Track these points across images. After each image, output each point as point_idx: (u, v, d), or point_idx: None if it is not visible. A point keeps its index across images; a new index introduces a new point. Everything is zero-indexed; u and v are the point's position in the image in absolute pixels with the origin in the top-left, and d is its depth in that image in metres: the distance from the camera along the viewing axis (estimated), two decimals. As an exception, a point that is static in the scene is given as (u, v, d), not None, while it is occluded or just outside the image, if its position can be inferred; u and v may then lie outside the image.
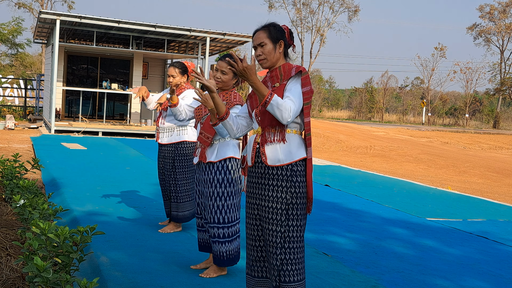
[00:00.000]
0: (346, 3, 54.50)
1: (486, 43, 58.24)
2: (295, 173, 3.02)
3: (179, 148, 5.33)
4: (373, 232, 6.12)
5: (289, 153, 3.03)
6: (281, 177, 3.03)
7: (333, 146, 21.14)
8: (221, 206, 4.08)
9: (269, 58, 3.13)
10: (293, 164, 3.02)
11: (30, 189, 5.55)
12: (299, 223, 3.08)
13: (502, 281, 4.68)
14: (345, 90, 69.75)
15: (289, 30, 3.20)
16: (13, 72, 41.18)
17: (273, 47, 3.12)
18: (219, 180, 4.07)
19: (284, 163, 3.02)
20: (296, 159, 3.02)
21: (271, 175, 3.06)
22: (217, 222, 4.09)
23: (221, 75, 4.09)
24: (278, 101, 2.88)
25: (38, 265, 3.06)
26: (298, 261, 3.10)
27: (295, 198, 3.04)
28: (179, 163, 5.34)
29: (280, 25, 3.19)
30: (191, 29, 17.23)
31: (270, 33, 3.13)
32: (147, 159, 11.30)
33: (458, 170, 15.61)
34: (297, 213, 3.06)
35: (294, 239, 3.08)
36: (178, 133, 5.34)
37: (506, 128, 52.95)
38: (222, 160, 4.08)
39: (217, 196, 4.08)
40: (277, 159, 3.03)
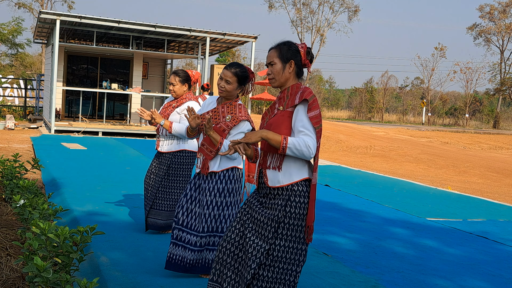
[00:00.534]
0: (346, 3, 54.51)
1: (486, 43, 58.26)
2: (295, 192, 2.96)
3: (177, 156, 5.19)
4: (373, 232, 6.12)
5: (289, 175, 2.97)
6: (279, 196, 3.00)
7: (333, 146, 21.15)
8: (217, 216, 4.02)
9: (277, 78, 3.08)
10: (293, 184, 2.96)
11: (30, 189, 5.55)
12: (289, 244, 2.95)
13: (502, 281, 4.68)
14: (345, 90, 69.76)
15: (306, 49, 3.09)
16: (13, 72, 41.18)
17: (282, 67, 3.06)
18: (219, 189, 4.02)
19: (283, 184, 2.98)
20: (296, 180, 2.96)
21: (272, 195, 3.02)
22: (211, 230, 4.04)
23: (225, 85, 3.99)
24: (294, 143, 2.86)
25: (38, 265, 3.06)
26: (286, 283, 2.98)
27: (287, 218, 2.95)
28: (174, 171, 5.19)
29: (298, 43, 3.10)
30: (191, 29, 17.23)
31: (280, 52, 3.07)
32: (147, 159, 11.30)
33: (458, 170, 15.61)
34: (288, 233, 2.95)
35: (280, 259, 2.96)
36: (178, 142, 5.21)
37: (506, 128, 52.95)
38: (224, 170, 4.03)
39: (215, 206, 4.01)
40: (277, 180, 3.00)
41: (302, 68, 3.12)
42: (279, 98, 3.09)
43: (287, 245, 2.96)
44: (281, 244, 2.96)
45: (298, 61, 3.08)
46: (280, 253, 2.96)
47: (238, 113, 3.99)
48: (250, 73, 4.02)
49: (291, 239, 2.96)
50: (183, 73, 5.23)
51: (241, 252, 3.07)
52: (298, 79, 3.12)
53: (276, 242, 2.96)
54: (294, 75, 3.10)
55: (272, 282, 2.97)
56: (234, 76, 3.97)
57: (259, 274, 2.99)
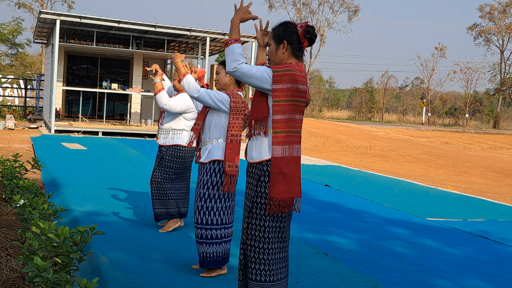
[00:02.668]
0: (346, 3, 54.50)
1: (486, 43, 58.24)
2: (263, 172, 3.04)
3: (171, 149, 5.38)
4: (373, 232, 6.12)
5: (260, 152, 3.06)
6: (252, 174, 3.12)
7: (333, 146, 21.14)
8: (200, 207, 4.10)
9: (272, 58, 3.15)
10: (262, 163, 3.04)
11: (30, 189, 5.55)
12: (261, 223, 3.03)
13: (502, 281, 4.68)
14: (345, 90, 69.73)
15: (305, 28, 3.09)
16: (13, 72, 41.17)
17: (275, 47, 3.12)
18: (203, 181, 4.11)
19: (255, 160, 3.08)
20: (264, 159, 3.04)
21: (249, 172, 3.16)
22: (196, 222, 4.14)
23: (216, 76, 4.25)
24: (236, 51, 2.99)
25: (38, 265, 3.06)
26: (258, 261, 3.05)
27: (258, 198, 3.04)
28: (165, 163, 5.37)
29: (298, 23, 3.13)
30: (191, 29, 17.23)
31: (274, 33, 3.13)
32: (147, 159, 11.30)
33: (458, 170, 15.61)
34: (260, 212, 3.04)
35: (255, 238, 3.05)
36: (173, 136, 5.39)
37: (506, 128, 52.95)
38: (210, 161, 4.13)
39: (202, 197, 4.10)
40: (251, 156, 3.13)
41: (300, 48, 3.13)
42: None
43: (261, 224, 3.04)
44: (255, 223, 3.06)
45: (294, 41, 3.10)
46: (254, 231, 3.06)
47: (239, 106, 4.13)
48: None
49: (263, 218, 3.04)
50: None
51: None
52: (296, 58, 3.14)
53: (251, 222, 3.07)
54: (290, 55, 3.12)
55: (254, 262, 3.07)
56: (220, 65, 4.24)
57: (246, 255, 3.13)
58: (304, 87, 3.06)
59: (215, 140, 4.16)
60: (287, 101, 2.98)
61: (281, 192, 2.98)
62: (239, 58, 2.98)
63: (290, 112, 3.00)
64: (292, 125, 3.02)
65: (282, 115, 2.99)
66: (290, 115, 3.00)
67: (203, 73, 5.40)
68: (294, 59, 3.12)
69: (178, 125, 5.40)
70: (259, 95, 3.11)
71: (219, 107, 4.08)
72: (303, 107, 3.05)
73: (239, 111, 4.09)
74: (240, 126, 4.09)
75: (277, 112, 2.99)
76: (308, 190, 8.68)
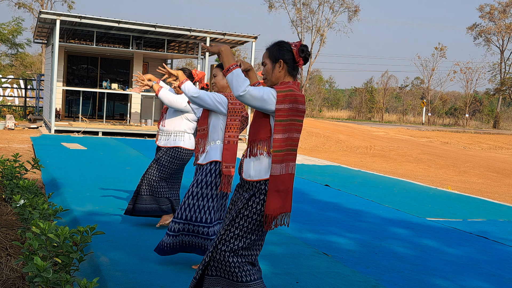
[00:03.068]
0: (346, 3, 54.48)
1: (486, 43, 58.24)
2: (260, 190, 3.08)
3: (170, 151, 5.35)
4: (373, 232, 6.12)
5: (259, 171, 3.10)
6: (246, 189, 3.17)
7: (333, 146, 21.15)
8: (192, 205, 4.17)
9: (268, 78, 3.18)
10: (261, 182, 3.08)
11: (30, 189, 5.55)
12: (240, 233, 3.09)
13: (502, 281, 4.68)
14: (345, 90, 69.73)
15: (299, 48, 3.13)
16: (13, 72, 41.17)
17: (271, 66, 3.14)
18: (198, 180, 4.20)
19: (253, 179, 3.11)
20: (264, 178, 3.08)
21: (245, 188, 3.20)
22: (184, 218, 4.18)
23: (214, 79, 4.29)
24: (240, 75, 2.98)
25: (38, 265, 3.06)
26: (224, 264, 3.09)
27: (247, 211, 3.08)
28: (162, 162, 5.36)
29: (293, 42, 3.16)
30: (191, 29, 17.23)
31: (270, 52, 3.15)
32: (147, 159, 11.30)
33: (458, 170, 15.61)
34: (243, 224, 3.09)
35: (228, 243, 3.10)
36: (175, 139, 5.37)
37: (506, 128, 52.95)
38: (209, 162, 4.19)
39: (190, 195, 4.18)
40: (249, 174, 3.14)
41: (295, 66, 3.17)
42: None
43: (239, 234, 3.10)
44: (233, 231, 3.10)
45: (289, 59, 3.13)
46: (228, 237, 3.11)
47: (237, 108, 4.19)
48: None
49: (245, 230, 3.10)
50: (188, 71, 5.34)
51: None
52: (292, 77, 3.17)
53: (229, 229, 3.11)
54: (286, 73, 3.15)
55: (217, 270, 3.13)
56: (217, 68, 4.27)
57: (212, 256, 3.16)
58: (304, 107, 3.13)
59: (213, 142, 4.22)
60: (287, 120, 3.04)
61: (276, 209, 3.05)
62: (245, 81, 2.99)
63: (289, 131, 3.06)
64: (290, 144, 3.08)
65: (282, 134, 3.04)
66: (289, 134, 3.06)
67: (203, 74, 5.41)
68: (290, 78, 3.16)
69: (180, 127, 5.38)
70: (260, 116, 3.13)
71: (218, 108, 4.12)
72: (301, 126, 3.13)
73: (236, 112, 4.13)
74: (237, 128, 4.15)
75: (277, 131, 3.04)
76: (308, 190, 8.68)
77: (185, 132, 5.38)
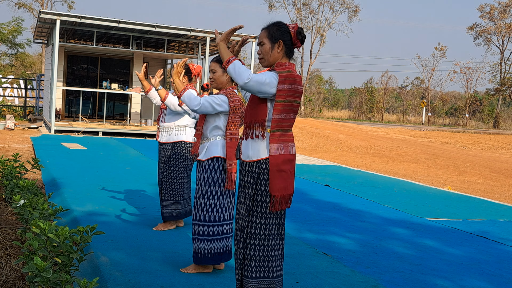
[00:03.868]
0: (346, 3, 54.48)
1: (486, 43, 58.24)
2: (262, 170, 3.07)
3: (176, 147, 5.36)
4: (373, 232, 6.12)
5: (257, 151, 3.10)
6: (249, 173, 3.14)
7: (333, 146, 21.14)
8: (203, 204, 4.12)
9: (266, 58, 3.17)
10: (261, 161, 3.08)
11: (30, 189, 5.55)
12: (262, 220, 3.08)
13: (502, 281, 4.68)
14: (345, 90, 69.73)
15: (297, 29, 3.17)
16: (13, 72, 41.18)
17: (270, 46, 3.15)
18: (204, 178, 4.14)
19: (252, 159, 3.11)
20: (262, 157, 3.08)
21: (245, 171, 3.18)
22: (197, 219, 4.15)
23: (212, 75, 4.25)
24: (239, 65, 2.99)
25: (38, 265, 3.06)
26: (258, 258, 3.09)
27: (259, 196, 3.07)
28: (174, 162, 5.36)
29: (290, 24, 3.18)
30: (191, 29, 17.23)
31: (269, 32, 3.15)
32: (147, 159, 11.30)
33: (458, 170, 15.61)
34: (261, 210, 3.08)
35: (256, 236, 3.08)
36: (177, 133, 5.38)
37: (506, 128, 52.95)
38: (209, 158, 4.15)
39: (201, 194, 4.14)
40: (247, 155, 3.15)
41: (292, 48, 3.19)
42: None
43: (261, 222, 3.08)
44: (256, 221, 3.08)
45: (287, 41, 3.16)
46: (256, 230, 3.08)
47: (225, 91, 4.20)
48: None
49: (264, 216, 3.08)
50: (184, 65, 5.32)
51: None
52: (288, 59, 3.20)
53: (252, 220, 3.09)
54: (284, 55, 3.17)
55: (255, 260, 3.10)
56: (216, 63, 4.21)
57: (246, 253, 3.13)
58: (301, 88, 3.15)
59: (213, 137, 4.19)
60: (286, 101, 3.05)
61: (280, 189, 3.05)
62: (246, 69, 3.02)
63: (286, 112, 3.07)
64: (287, 124, 3.10)
65: (280, 114, 3.06)
66: (286, 114, 3.08)
67: (200, 68, 5.43)
68: (287, 60, 3.18)
69: (181, 121, 5.38)
70: (257, 100, 3.13)
71: (220, 112, 4.11)
72: (298, 107, 3.14)
73: (237, 109, 4.14)
74: (238, 124, 4.16)
75: (276, 112, 3.05)
76: (308, 190, 8.68)
77: (187, 126, 5.39)
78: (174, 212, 5.45)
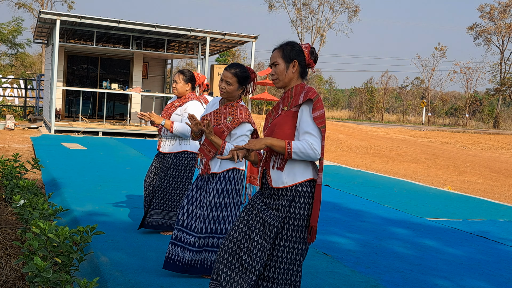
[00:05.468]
0: (346, 3, 54.51)
1: (486, 43, 58.25)
2: (299, 193, 2.96)
3: (178, 157, 5.18)
4: (373, 232, 6.12)
5: (293, 175, 2.97)
6: (283, 197, 3.00)
7: (333, 146, 21.14)
8: (216, 217, 4.00)
9: (280, 78, 3.08)
10: (297, 185, 2.96)
11: (30, 189, 5.55)
12: (295, 245, 2.96)
13: (502, 281, 4.68)
14: (345, 90, 69.74)
15: (310, 49, 3.09)
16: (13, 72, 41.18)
17: (285, 67, 3.06)
18: (219, 190, 4.00)
19: (287, 185, 2.98)
20: (300, 181, 2.97)
21: (276, 196, 3.03)
22: (209, 232, 4.02)
23: (225, 86, 3.99)
24: (299, 147, 2.88)
25: (38, 265, 3.06)
26: (289, 282, 2.99)
27: (292, 219, 2.95)
28: (174, 172, 5.18)
29: (302, 44, 3.11)
30: (191, 29, 17.22)
31: (283, 52, 3.06)
32: (147, 159, 11.30)
33: (458, 170, 15.61)
34: (292, 234, 2.95)
35: (287, 260, 2.97)
36: (180, 143, 5.19)
37: (506, 128, 52.95)
38: (225, 171, 4.01)
39: (214, 206, 4.00)
40: (281, 181, 3.00)
41: (306, 68, 3.11)
42: (283, 99, 3.10)
43: (291, 246, 2.96)
44: (285, 245, 2.96)
45: (302, 61, 3.07)
46: (284, 253, 2.96)
47: (239, 115, 3.99)
48: (251, 73, 4.01)
49: (295, 240, 2.96)
50: (189, 72, 5.26)
51: (243, 253, 3.05)
52: (302, 79, 3.11)
53: (280, 243, 2.96)
54: (298, 75, 3.09)
55: (278, 284, 2.98)
56: (234, 77, 3.96)
57: (264, 275, 3.01)
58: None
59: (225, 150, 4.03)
60: (323, 127, 2.96)
61: (317, 219, 2.96)
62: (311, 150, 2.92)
63: (323, 138, 2.98)
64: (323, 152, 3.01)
65: (323, 141, 2.96)
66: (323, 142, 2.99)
67: (204, 79, 5.35)
68: (300, 80, 3.10)
69: (184, 129, 5.14)
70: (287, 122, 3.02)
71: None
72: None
73: (252, 123, 4.04)
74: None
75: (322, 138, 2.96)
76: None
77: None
78: (159, 221, 5.25)
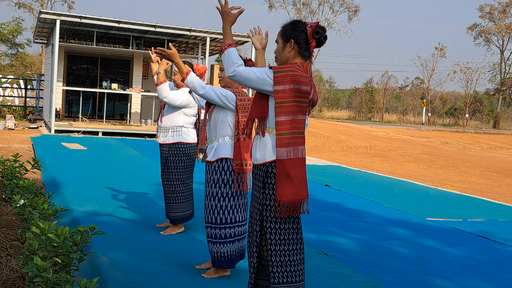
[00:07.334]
0: (346, 3, 54.49)
1: (486, 43, 58.23)
2: (268, 174, 2.99)
3: (173, 148, 5.29)
4: (373, 232, 6.12)
5: (263, 153, 3.03)
6: (257, 176, 3.08)
7: (333, 146, 21.14)
8: (214, 207, 4.04)
9: (278, 57, 3.11)
10: (267, 164, 3.00)
11: (30, 189, 5.55)
12: (274, 225, 2.99)
13: (502, 281, 4.68)
14: (345, 90, 69.70)
15: (314, 29, 3.01)
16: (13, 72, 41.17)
17: (282, 45, 3.07)
18: (214, 180, 4.05)
19: (258, 162, 3.06)
20: (268, 160, 3.00)
21: (255, 174, 3.12)
22: (210, 222, 4.08)
23: (221, 73, 4.16)
24: (232, 55, 2.98)
25: (38, 265, 3.06)
26: (280, 264, 3.03)
27: (267, 200, 2.99)
28: (172, 163, 5.29)
29: (309, 23, 3.05)
30: (191, 29, 17.22)
31: (283, 31, 3.08)
32: (147, 159, 11.30)
33: (458, 170, 15.61)
34: (270, 215, 2.99)
35: (272, 241, 3.01)
36: (173, 134, 5.30)
37: (506, 128, 52.94)
38: (218, 159, 4.06)
39: (211, 196, 4.05)
40: (255, 157, 3.08)
41: (308, 48, 3.05)
42: None
43: (272, 227, 3.01)
44: (269, 226, 3.01)
45: (301, 40, 3.02)
46: (271, 235, 3.01)
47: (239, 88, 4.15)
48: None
49: (275, 220, 3.00)
50: (188, 64, 5.28)
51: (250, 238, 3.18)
52: (302, 58, 3.06)
53: (266, 225, 3.02)
54: (296, 54, 3.05)
55: (273, 266, 3.03)
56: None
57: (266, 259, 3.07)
58: (307, 87, 2.97)
59: (221, 138, 4.09)
60: (290, 102, 2.91)
61: (288, 195, 2.92)
62: (236, 61, 2.95)
63: (294, 113, 2.93)
64: (296, 126, 2.94)
65: (286, 116, 2.92)
66: (294, 116, 2.93)
67: (205, 69, 5.37)
68: (300, 59, 3.05)
69: (177, 122, 5.30)
70: (259, 95, 3.06)
71: (225, 105, 3.99)
72: (305, 107, 2.97)
73: (246, 108, 4.01)
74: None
75: (280, 113, 2.92)
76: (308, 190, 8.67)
77: (183, 127, 5.31)
78: (170, 215, 5.39)
